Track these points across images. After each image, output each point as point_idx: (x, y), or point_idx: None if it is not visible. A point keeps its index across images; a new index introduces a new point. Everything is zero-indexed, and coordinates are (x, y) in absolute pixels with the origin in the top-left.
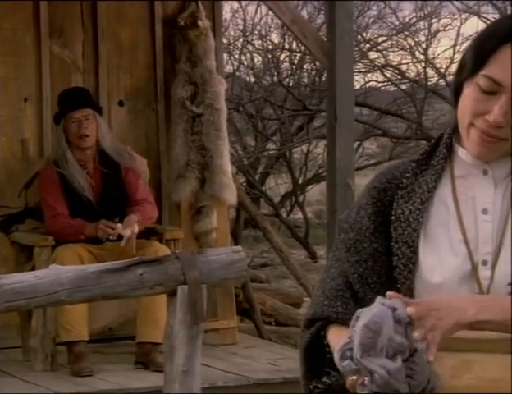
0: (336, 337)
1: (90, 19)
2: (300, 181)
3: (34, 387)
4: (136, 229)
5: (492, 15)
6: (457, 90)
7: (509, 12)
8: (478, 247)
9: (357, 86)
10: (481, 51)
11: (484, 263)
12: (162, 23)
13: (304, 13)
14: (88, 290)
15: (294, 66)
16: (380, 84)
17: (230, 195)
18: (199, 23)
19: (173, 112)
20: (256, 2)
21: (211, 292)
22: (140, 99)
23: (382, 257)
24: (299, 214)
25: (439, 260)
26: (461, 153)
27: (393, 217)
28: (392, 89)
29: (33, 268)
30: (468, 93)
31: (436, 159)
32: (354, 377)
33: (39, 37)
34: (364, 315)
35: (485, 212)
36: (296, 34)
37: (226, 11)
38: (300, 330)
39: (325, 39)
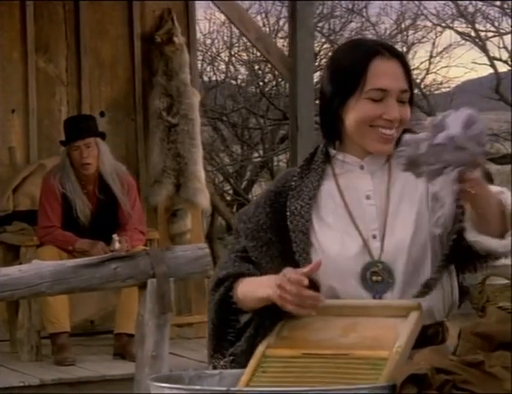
0: (250, 283)
1: (73, 36)
2: None
3: (21, 375)
4: (123, 248)
5: (466, 29)
6: (333, 116)
7: (477, 25)
8: (366, 225)
9: None
10: (353, 73)
11: (374, 236)
12: (140, 39)
13: (286, 28)
14: (66, 282)
15: (276, 77)
16: None
17: (204, 200)
18: (175, 39)
19: (150, 122)
20: None
21: (185, 289)
22: (120, 110)
23: (276, 245)
24: None
25: (335, 240)
26: (340, 156)
27: (288, 213)
28: None
29: None
30: (359, 107)
31: (316, 163)
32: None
33: (26, 53)
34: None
35: (368, 197)
36: (261, 50)
37: (213, 24)
38: (210, 289)
39: (287, 55)
